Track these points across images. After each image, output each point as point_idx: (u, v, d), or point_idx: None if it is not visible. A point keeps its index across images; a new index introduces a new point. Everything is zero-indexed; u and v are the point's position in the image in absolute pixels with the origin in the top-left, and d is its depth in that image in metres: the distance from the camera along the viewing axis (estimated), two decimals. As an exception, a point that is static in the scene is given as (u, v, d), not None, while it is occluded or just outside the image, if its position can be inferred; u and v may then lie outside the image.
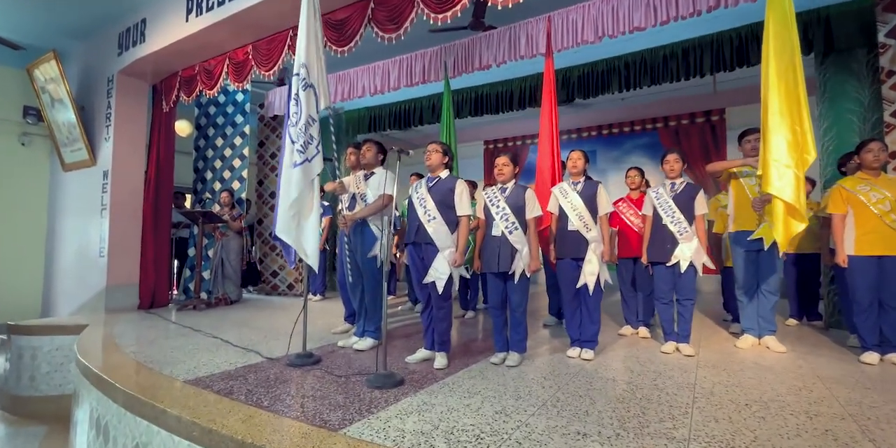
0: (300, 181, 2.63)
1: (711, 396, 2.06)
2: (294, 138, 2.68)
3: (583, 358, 2.71)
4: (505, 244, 2.56)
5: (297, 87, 2.71)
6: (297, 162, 2.65)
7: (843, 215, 2.81)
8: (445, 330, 2.62)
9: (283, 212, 2.65)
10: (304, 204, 2.67)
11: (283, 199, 2.66)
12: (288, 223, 2.64)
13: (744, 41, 3.95)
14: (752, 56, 3.92)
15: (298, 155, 2.65)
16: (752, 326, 3.08)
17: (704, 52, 4.11)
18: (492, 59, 4.02)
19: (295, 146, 2.66)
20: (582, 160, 2.83)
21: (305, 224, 2.68)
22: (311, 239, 2.68)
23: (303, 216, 2.68)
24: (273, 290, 5.95)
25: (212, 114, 5.56)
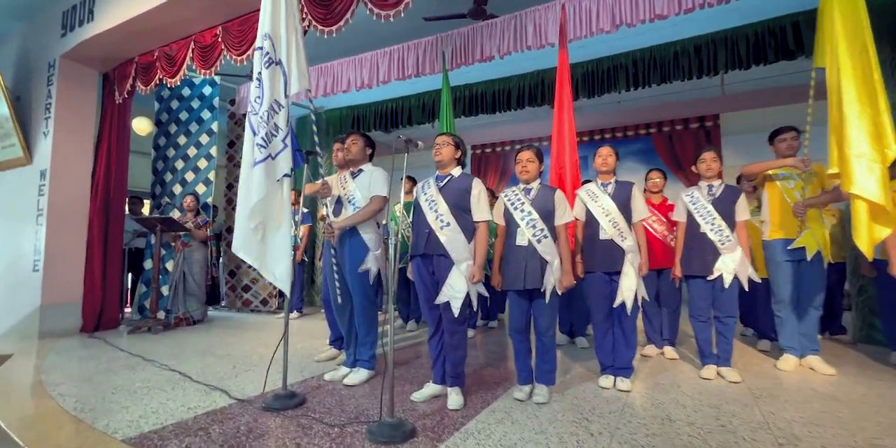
0: (262, 183, 2.13)
1: (798, 442, 1.68)
2: (255, 129, 2.19)
3: (620, 389, 2.30)
4: (533, 256, 2.14)
5: (259, 63, 2.22)
6: (257, 159, 2.15)
7: None
8: (460, 360, 2.16)
9: (241, 223, 2.14)
10: (269, 213, 2.17)
11: (242, 207, 2.15)
12: (248, 237, 2.13)
13: (760, 38, 3.73)
14: (769, 53, 3.71)
15: (259, 150, 2.16)
16: (793, 345, 2.76)
17: (718, 48, 3.87)
18: (494, 49, 3.64)
19: (255, 139, 2.17)
20: (613, 157, 2.46)
21: (273, 239, 2.17)
22: (281, 257, 2.16)
23: (269, 228, 2.17)
24: (245, 307, 5.32)
25: (174, 108, 4.94)
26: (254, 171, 2.14)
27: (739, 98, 6.16)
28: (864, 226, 2.11)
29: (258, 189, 2.12)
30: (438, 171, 2.29)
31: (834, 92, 2.23)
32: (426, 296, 2.18)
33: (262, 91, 2.17)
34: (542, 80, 4.63)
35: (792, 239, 2.72)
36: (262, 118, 2.15)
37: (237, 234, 2.14)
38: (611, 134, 7.10)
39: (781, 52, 3.67)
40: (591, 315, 2.43)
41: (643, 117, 6.76)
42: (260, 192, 2.11)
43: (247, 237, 2.12)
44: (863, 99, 2.14)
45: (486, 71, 4.71)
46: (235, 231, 2.15)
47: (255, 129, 2.17)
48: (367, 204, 2.46)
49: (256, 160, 2.14)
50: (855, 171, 2.13)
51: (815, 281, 2.71)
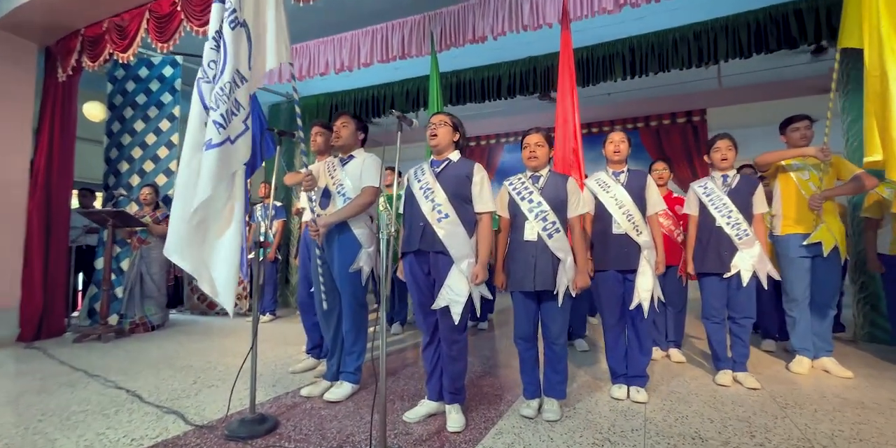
0: (214, 173, 1.70)
1: (851, 463, 1.48)
2: (210, 102, 1.78)
3: (635, 401, 2.07)
4: (543, 252, 1.87)
5: (218, 19, 1.85)
6: (212, 141, 1.72)
7: (915, 215, 2.40)
8: (460, 374, 1.87)
9: (177, 220, 1.72)
10: (215, 210, 1.75)
11: (182, 200, 1.72)
12: (185, 237, 1.71)
13: (761, 26, 3.58)
14: (770, 41, 3.56)
15: (216, 130, 1.72)
16: (806, 347, 2.60)
17: (718, 36, 3.71)
18: (488, 29, 3.36)
19: (210, 116, 1.75)
20: (626, 143, 2.22)
21: (216, 243, 1.75)
22: (225, 265, 1.73)
23: (212, 230, 1.75)
24: (210, 309, 4.88)
25: (130, 90, 4.45)
26: (205, 157, 1.72)
27: (726, 93, 6.09)
28: None
29: (209, 179, 1.70)
30: (434, 156, 1.99)
31: (874, 71, 2.05)
32: (420, 299, 1.88)
33: (222, 55, 1.80)
34: (533, 68, 4.38)
35: (806, 234, 2.56)
36: (223, 91, 1.78)
37: (172, 233, 1.72)
38: (598, 128, 6.94)
39: (784, 41, 3.53)
40: (603, 318, 2.18)
41: (631, 111, 6.63)
42: (210, 183, 1.70)
43: (183, 238, 1.70)
44: None
45: (474, 57, 4.43)
46: (170, 229, 1.73)
47: (207, 101, 1.80)
48: (358, 195, 2.14)
49: (211, 142, 1.73)
50: None
51: (830, 278, 2.56)
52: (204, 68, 1.83)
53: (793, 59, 5.06)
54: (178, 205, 1.74)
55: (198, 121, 1.78)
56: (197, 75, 1.83)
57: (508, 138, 7.43)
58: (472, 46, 3.84)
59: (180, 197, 1.74)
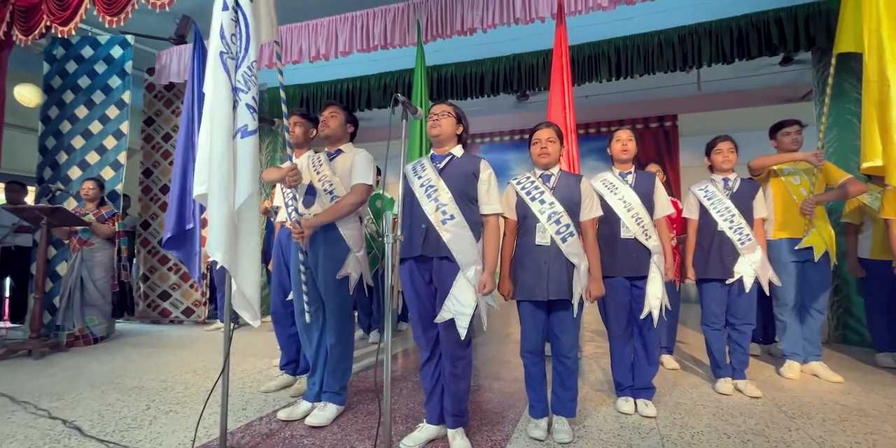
0: (253, 164, 1.54)
1: (883, 482, 1.41)
2: (239, 81, 1.57)
3: (644, 415, 1.95)
4: (557, 258, 1.71)
5: None
6: (247, 128, 1.55)
7: (903, 221, 2.43)
8: (464, 394, 1.68)
9: (219, 220, 1.48)
10: (251, 208, 1.60)
11: (224, 196, 1.49)
12: (229, 238, 1.49)
13: (743, 32, 3.63)
14: (752, 48, 3.61)
15: (251, 115, 1.56)
16: (796, 351, 2.60)
17: (702, 40, 3.73)
18: (477, 20, 3.19)
19: (241, 99, 1.55)
20: (633, 142, 2.11)
21: (248, 246, 1.59)
22: (254, 271, 1.59)
23: (244, 230, 1.58)
24: (163, 317, 4.43)
25: (71, 72, 3.95)
26: (242, 146, 1.53)
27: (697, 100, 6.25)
28: None
29: (250, 172, 1.53)
30: (434, 150, 1.79)
31: (873, 75, 2.04)
32: (420, 311, 1.67)
33: (242, 28, 1.57)
34: (518, 65, 4.27)
35: (797, 238, 2.56)
36: (251, 71, 1.55)
37: (215, 234, 1.48)
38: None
39: (765, 47, 3.58)
40: (609, 328, 2.05)
41: (607, 115, 6.68)
42: (252, 177, 1.53)
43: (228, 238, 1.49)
44: None
45: (457, 52, 4.26)
46: (213, 230, 1.48)
47: (235, 79, 1.55)
48: (348, 193, 1.90)
49: (247, 129, 1.54)
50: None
51: (821, 283, 2.57)
52: (227, 41, 1.56)
53: (761, 68, 5.23)
54: (219, 202, 1.50)
55: (227, 103, 1.52)
56: (219, 49, 1.55)
57: (484, 139, 7.30)
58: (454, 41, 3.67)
59: (220, 193, 1.50)
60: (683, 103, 6.38)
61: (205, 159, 1.51)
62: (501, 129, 7.19)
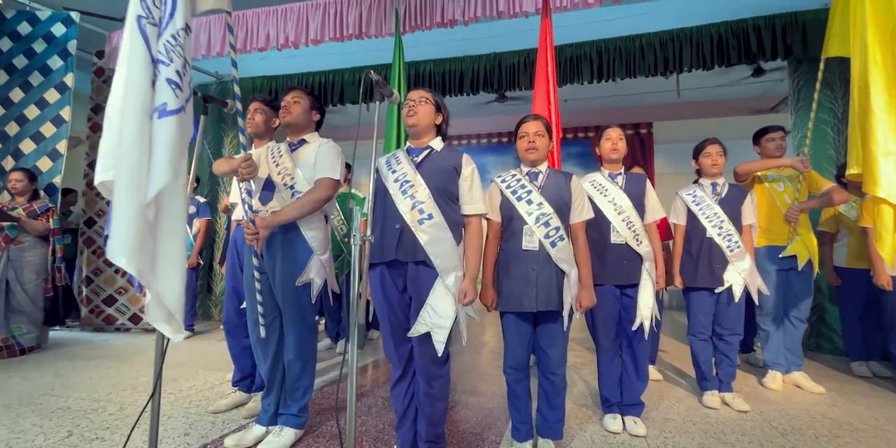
0: (173, 150, 1.25)
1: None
2: (160, 55, 1.29)
3: (634, 434, 1.81)
4: (546, 265, 1.55)
5: None
6: (167, 107, 1.26)
7: (881, 229, 2.41)
8: (441, 417, 1.49)
9: (126, 213, 1.19)
10: (171, 200, 1.29)
11: (133, 185, 1.20)
12: (138, 236, 1.19)
13: (723, 39, 3.62)
14: (731, 55, 3.60)
15: (173, 91, 1.27)
16: (778, 361, 2.54)
17: (684, 45, 3.70)
18: (458, 12, 3.04)
19: (162, 72, 1.27)
20: (623, 141, 1.98)
21: (170, 246, 1.28)
22: (177, 275, 1.28)
23: (163, 227, 1.28)
24: (107, 324, 4.01)
25: (4, 50, 3.53)
26: (159, 128, 1.25)
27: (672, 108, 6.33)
28: (889, 233, 1.88)
29: (168, 159, 1.24)
30: (411, 142, 1.60)
31: (859, 82, 1.99)
32: (392, 323, 1.47)
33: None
34: (498, 64, 4.14)
35: (779, 246, 2.52)
36: (176, 41, 1.29)
37: (120, 230, 1.18)
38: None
39: (743, 55, 3.58)
40: (597, 340, 1.91)
41: (584, 120, 6.67)
42: (169, 164, 1.24)
43: (137, 236, 1.19)
44: (892, 90, 1.92)
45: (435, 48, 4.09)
46: (116, 225, 1.19)
47: (155, 50, 1.28)
48: (312, 189, 1.68)
49: (166, 108, 1.25)
50: (881, 172, 1.90)
51: (803, 291, 2.53)
52: (148, 4, 1.29)
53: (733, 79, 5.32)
54: (127, 193, 1.21)
55: (143, 78, 1.25)
56: (136, 13, 1.28)
57: (461, 141, 7.16)
58: (433, 36, 3.52)
59: (129, 181, 1.21)
60: (658, 111, 6.45)
61: (111, 142, 1.25)
62: (478, 131, 7.08)
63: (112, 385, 2.42)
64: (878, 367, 2.75)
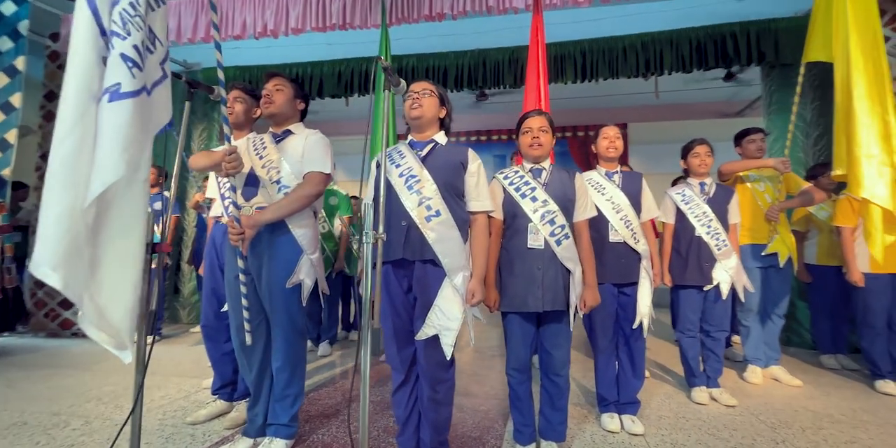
0: (128, 138, 1.10)
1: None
2: (111, 25, 1.14)
3: (632, 433, 1.81)
4: (551, 264, 1.52)
5: None
6: (120, 88, 1.10)
7: (853, 228, 2.53)
8: (446, 422, 1.44)
9: (55, 217, 1.05)
10: (126, 198, 1.14)
11: (65, 184, 1.07)
12: (70, 244, 1.06)
13: (702, 44, 3.71)
14: (709, 58, 3.70)
15: (128, 70, 1.11)
16: (758, 356, 2.63)
17: (664, 48, 3.77)
18: (447, 6, 2.98)
19: (115, 46, 1.12)
20: (621, 140, 1.98)
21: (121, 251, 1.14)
22: (127, 285, 1.14)
23: (111, 230, 1.13)
24: (63, 329, 3.72)
25: (-57, 29, 3.19)
26: (109, 113, 1.09)
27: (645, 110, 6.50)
28: (878, 231, 1.96)
29: (119, 149, 1.08)
30: (413, 135, 1.53)
31: (842, 87, 2.07)
32: (396, 325, 1.40)
33: None
34: (483, 61, 4.10)
35: (760, 244, 2.59)
36: (135, 10, 1.14)
37: (47, 238, 1.04)
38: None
39: (720, 59, 3.69)
40: (595, 339, 1.90)
41: (562, 120, 6.74)
42: (122, 156, 1.08)
43: (68, 244, 1.04)
44: (873, 95, 2.00)
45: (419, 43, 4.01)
46: (43, 231, 1.05)
47: (105, 22, 1.13)
48: (301, 184, 1.57)
49: (119, 90, 1.09)
50: (864, 174, 1.98)
51: (783, 288, 2.62)
52: None
53: (704, 83, 5.51)
54: (58, 192, 1.05)
55: (88, 51, 1.10)
56: None
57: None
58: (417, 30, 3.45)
59: (61, 179, 1.05)
60: (632, 112, 6.60)
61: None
62: (458, 129, 7.04)
63: (74, 396, 2.22)
64: (846, 359, 2.89)
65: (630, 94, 5.97)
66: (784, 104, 3.69)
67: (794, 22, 3.57)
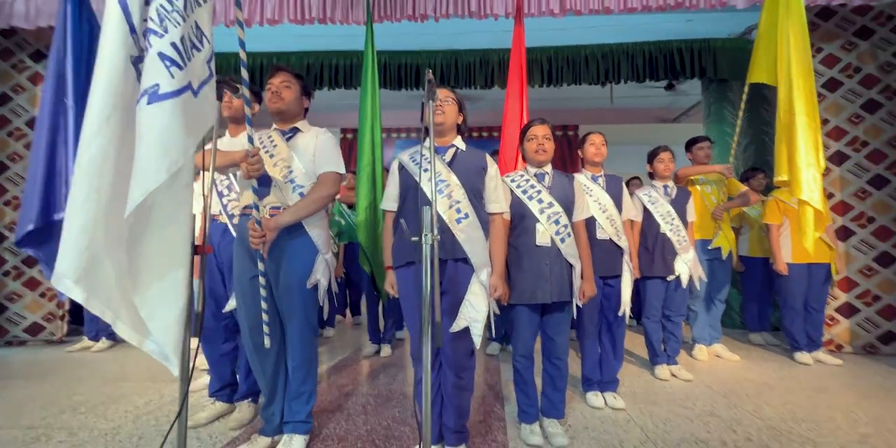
0: (172, 140, 1.08)
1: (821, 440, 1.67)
2: (152, 23, 1.10)
3: (615, 407, 2.05)
4: (557, 260, 1.68)
5: None
6: (159, 89, 1.07)
7: (779, 225, 2.97)
8: (467, 408, 1.56)
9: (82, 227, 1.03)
10: (168, 205, 1.12)
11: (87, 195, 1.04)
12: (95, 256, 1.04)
13: (653, 57, 4.08)
14: (659, 71, 4.09)
15: (166, 69, 1.08)
16: (704, 336, 3.02)
17: (621, 59, 4.11)
18: (430, 8, 3.05)
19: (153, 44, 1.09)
20: (605, 146, 2.19)
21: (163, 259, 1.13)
22: (172, 294, 1.13)
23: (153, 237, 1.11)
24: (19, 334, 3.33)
25: None
26: (147, 115, 1.06)
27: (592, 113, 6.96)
28: (810, 227, 2.35)
29: (161, 153, 1.05)
30: (434, 141, 1.61)
31: (785, 106, 2.42)
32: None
33: None
34: (455, 61, 4.20)
35: (707, 239, 2.97)
36: (172, 4, 1.10)
37: (69, 248, 1.01)
38: (487, 133, 7.16)
39: (669, 72, 4.09)
40: (583, 327, 2.10)
41: (518, 119, 7.01)
42: (164, 160, 1.05)
43: (92, 254, 1.02)
44: (810, 113, 2.38)
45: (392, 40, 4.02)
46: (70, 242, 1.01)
47: (135, 19, 1.09)
48: (318, 185, 1.59)
49: (158, 90, 1.06)
50: (804, 180, 2.36)
51: (724, 277, 3.02)
52: None
53: (647, 92, 6.02)
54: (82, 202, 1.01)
55: (120, 52, 1.06)
56: None
57: (401, 134, 7.11)
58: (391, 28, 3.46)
59: (85, 189, 1.01)
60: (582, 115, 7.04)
61: None
62: (419, 125, 7.08)
63: (40, 408, 2.05)
64: (769, 336, 3.40)
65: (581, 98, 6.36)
66: (720, 114, 4.19)
67: (728, 43, 4.05)
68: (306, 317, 1.61)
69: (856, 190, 3.12)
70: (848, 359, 2.90)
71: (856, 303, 3.09)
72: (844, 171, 3.13)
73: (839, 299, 3.10)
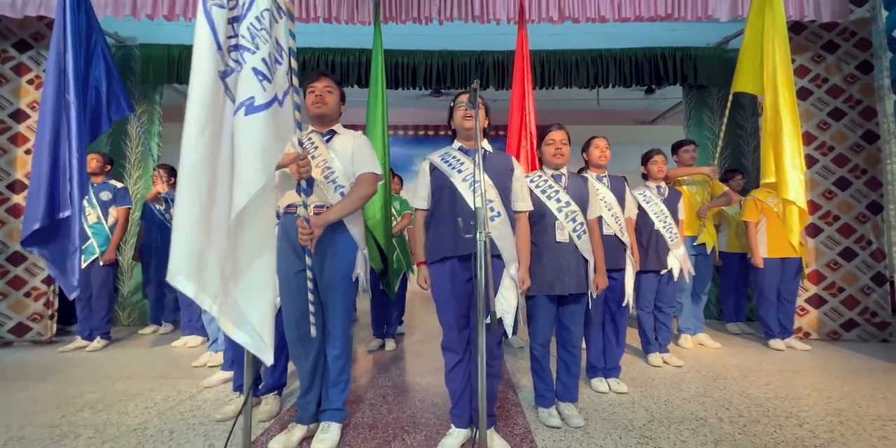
0: (266, 149, 1.17)
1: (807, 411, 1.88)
2: (244, 40, 1.19)
3: (619, 391, 2.21)
4: (573, 254, 1.81)
5: None
6: (255, 102, 1.17)
7: (756, 223, 3.23)
8: (495, 393, 1.74)
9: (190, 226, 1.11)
10: (261, 208, 1.21)
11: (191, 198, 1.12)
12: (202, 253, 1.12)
13: (639, 62, 4.29)
14: (645, 77, 4.31)
15: (259, 83, 1.18)
16: (689, 326, 3.25)
17: (609, 64, 4.30)
18: (435, 10, 3.13)
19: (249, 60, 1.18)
20: (609, 149, 2.34)
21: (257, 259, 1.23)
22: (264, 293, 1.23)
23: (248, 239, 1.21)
24: None
25: None
26: (244, 126, 1.15)
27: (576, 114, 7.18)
28: (796, 226, 2.59)
29: (260, 161, 1.15)
30: (464, 143, 1.72)
31: (771, 113, 2.64)
32: (458, 312, 1.59)
33: None
34: (451, 62, 4.29)
35: (694, 236, 3.19)
36: (260, 23, 1.18)
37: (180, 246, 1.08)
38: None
39: (654, 77, 4.32)
40: (588, 317, 2.24)
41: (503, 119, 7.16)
42: (262, 167, 1.15)
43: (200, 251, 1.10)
44: (794, 119, 2.61)
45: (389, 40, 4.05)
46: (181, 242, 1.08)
47: (221, 36, 1.16)
48: (359, 185, 1.67)
49: (253, 103, 1.15)
50: (791, 181, 2.59)
51: (708, 271, 3.25)
52: None
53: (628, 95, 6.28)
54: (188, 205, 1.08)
55: (211, 69, 1.12)
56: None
57: (397, 131, 7.14)
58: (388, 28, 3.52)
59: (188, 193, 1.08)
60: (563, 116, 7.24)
61: None
62: (406, 122, 7.13)
63: (54, 408, 2.04)
64: (744, 326, 3.68)
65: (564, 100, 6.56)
66: (699, 119, 4.45)
67: (708, 51, 4.30)
68: (346, 308, 1.69)
69: (823, 191, 3.42)
70: (815, 344, 3.19)
71: (823, 294, 3.39)
72: (813, 174, 3.42)
73: (809, 291, 3.39)
